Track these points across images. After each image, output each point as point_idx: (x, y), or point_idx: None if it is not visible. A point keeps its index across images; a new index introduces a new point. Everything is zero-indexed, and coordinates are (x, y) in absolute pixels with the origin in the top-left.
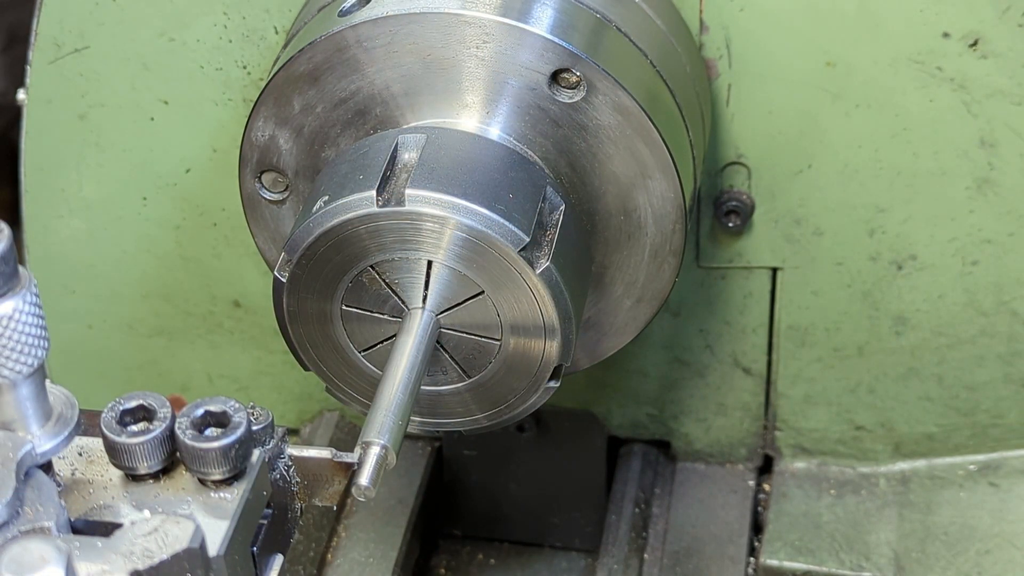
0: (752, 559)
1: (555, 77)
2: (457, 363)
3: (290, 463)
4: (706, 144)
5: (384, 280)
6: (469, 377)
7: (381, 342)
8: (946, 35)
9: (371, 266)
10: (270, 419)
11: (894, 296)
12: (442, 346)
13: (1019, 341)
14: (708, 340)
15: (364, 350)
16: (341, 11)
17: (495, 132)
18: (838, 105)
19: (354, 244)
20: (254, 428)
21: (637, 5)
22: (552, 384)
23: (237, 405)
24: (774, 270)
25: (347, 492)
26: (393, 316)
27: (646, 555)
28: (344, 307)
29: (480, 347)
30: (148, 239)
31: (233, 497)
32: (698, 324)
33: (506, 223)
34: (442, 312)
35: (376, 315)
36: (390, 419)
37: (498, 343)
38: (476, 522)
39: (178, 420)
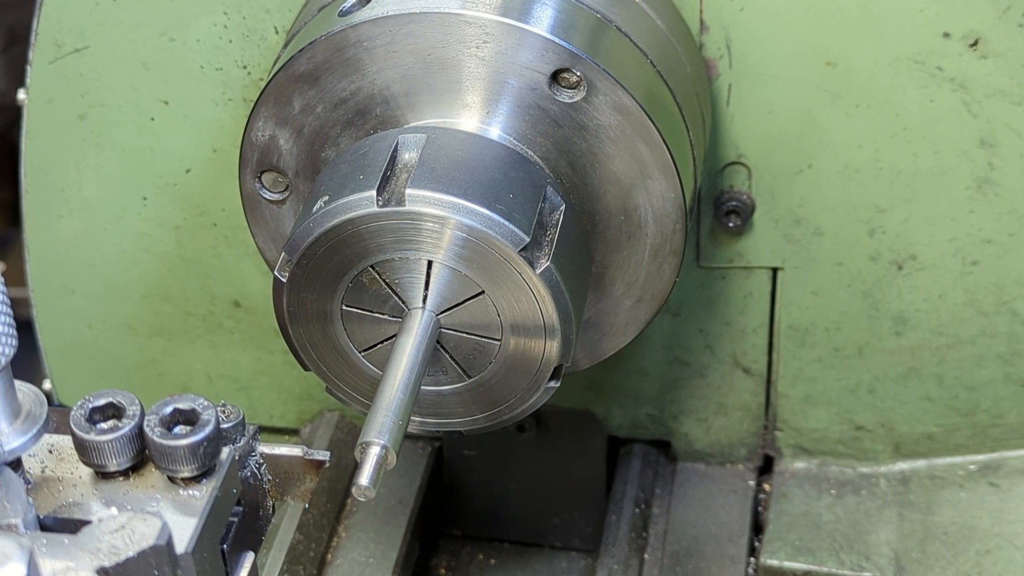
0: (752, 559)
1: (555, 77)
2: (457, 363)
3: (261, 461)
4: (706, 144)
5: (384, 280)
6: (469, 377)
7: (381, 342)
8: (946, 35)
9: (371, 266)
10: (241, 417)
11: (894, 296)
12: (442, 346)
13: (1019, 341)
14: (708, 340)
15: (364, 350)
16: (341, 11)
17: (495, 132)
18: (838, 105)
19: (354, 244)
20: (224, 426)
21: (637, 5)
22: (552, 384)
23: (206, 403)
24: (774, 270)
25: (347, 492)
26: (393, 316)
27: (646, 555)
28: (344, 307)
29: (480, 347)
30: (148, 239)
31: (202, 495)
32: (698, 324)
33: (506, 223)
34: (442, 312)
35: (376, 315)
36: (390, 419)
37: (498, 343)
38: (476, 522)
39: (147, 418)
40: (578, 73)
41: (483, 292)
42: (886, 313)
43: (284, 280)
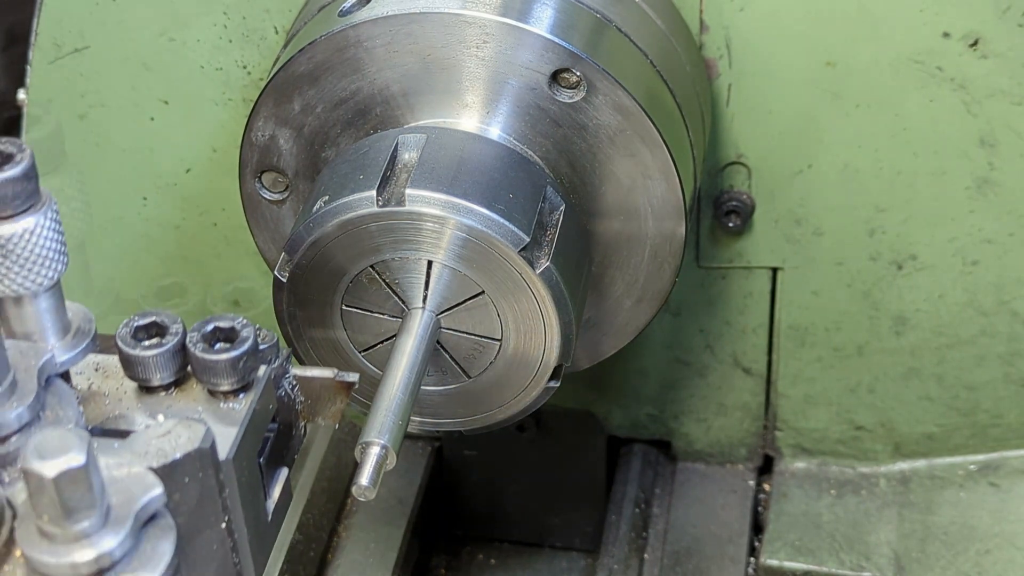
0: (752, 559)
1: (555, 77)
2: (457, 363)
3: (294, 382)
4: (706, 144)
5: (384, 280)
6: (469, 377)
7: (381, 342)
8: (946, 35)
9: (371, 266)
10: (275, 340)
11: (894, 296)
12: (442, 346)
13: (1019, 341)
14: (708, 340)
15: (364, 350)
16: (341, 11)
17: (495, 132)
18: (838, 105)
19: (354, 244)
20: (261, 347)
21: (637, 5)
22: (552, 384)
23: (244, 321)
24: (774, 270)
25: (347, 492)
26: (393, 316)
27: (646, 555)
28: (344, 307)
29: (480, 347)
30: (148, 239)
31: (241, 407)
32: (698, 324)
33: (506, 223)
34: (442, 312)
35: (376, 315)
36: (390, 419)
37: (498, 343)
38: (476, 522)
39: (189, 335)
40: (578, 73)
41: (483, 292)
42: (886, 313)
43: (284, 280)
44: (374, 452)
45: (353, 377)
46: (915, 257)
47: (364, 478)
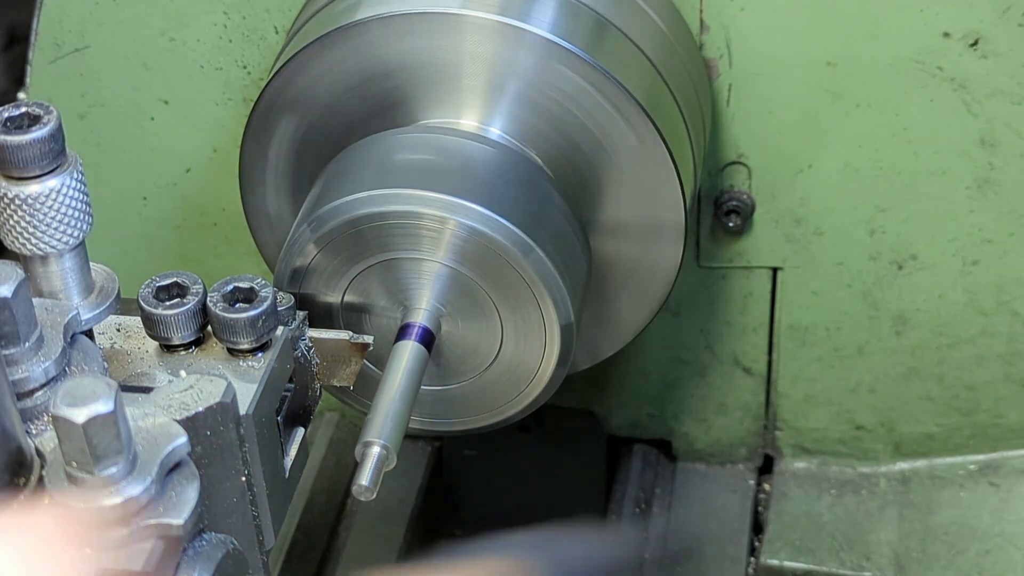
0: (752, 559)
1: (556, 77)
2: (457, 363)
3: (310, 344)
4: (706, 144)
5: (384, 280)
6: (469, 377)
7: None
8: (946, 35)
9: (371, 266)
10: (293, 302)
11: (894, 296)
12: (442, 346)
13: (1019, 341)
14: (708, 340)
15: None
16: (341, 11)
17: (495, 132)
18: (838, 105)
19: (354, 244)
20: (279, 308)
21: (637, 5)
22: (552, 384)
23: (263, 282)
24: (774, 270)
25: (347, 492)
26: (393, 316)
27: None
28: (344, 307)
29: (480, 347)
30: (148, 239)
31: (260, 366)
32: (698, 324)
33: (506, 223)
34: (442, 312)
35: (376, 315)
36: (390, 419)
37: (498, 343)
38: (476, 522)
39: (210, 295)
40: (579, 74)
41: (483, 292)
42: (886, 313)
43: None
44: (374, 452)
45: (368, 339)
46: (915, 257)
47: (364, 478)
